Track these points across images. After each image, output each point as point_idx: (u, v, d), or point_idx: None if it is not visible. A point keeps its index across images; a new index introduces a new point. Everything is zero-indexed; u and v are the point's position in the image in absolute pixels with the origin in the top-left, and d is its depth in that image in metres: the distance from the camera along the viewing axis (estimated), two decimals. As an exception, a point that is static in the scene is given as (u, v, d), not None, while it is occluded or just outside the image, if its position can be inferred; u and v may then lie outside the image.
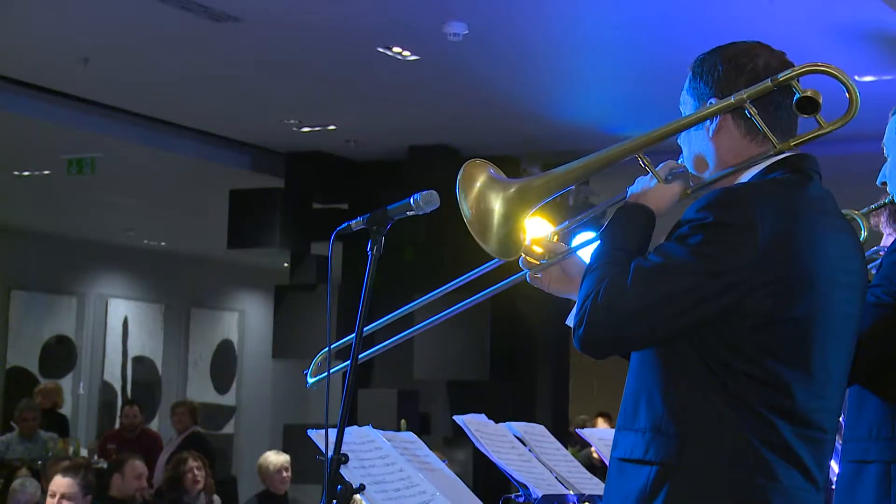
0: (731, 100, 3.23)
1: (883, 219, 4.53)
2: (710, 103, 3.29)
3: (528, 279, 3.51)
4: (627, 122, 9.33)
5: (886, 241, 4.52)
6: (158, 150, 11.05)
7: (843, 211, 3.60)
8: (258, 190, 11.94)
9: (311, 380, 4.11)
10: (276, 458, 10.80)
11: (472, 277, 3.77)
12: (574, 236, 3.50)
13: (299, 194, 11.76)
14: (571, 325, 3.17)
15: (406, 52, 8.57)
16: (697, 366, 3.15)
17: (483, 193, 3.33)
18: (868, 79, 8.61)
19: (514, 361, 11.33)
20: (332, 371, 3.88)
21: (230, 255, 14.11)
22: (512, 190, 3.32)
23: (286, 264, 12.64)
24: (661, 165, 3.37)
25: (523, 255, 3.43)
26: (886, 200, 4.26)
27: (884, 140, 3.97)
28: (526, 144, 10.79)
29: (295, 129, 10.87)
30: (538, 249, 3.44)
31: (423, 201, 3.58)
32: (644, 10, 7.79)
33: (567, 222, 3.48)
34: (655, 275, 3.12)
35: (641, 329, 3.16)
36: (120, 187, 13.21)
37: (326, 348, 3.89)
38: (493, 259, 3.47)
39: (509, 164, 11.03)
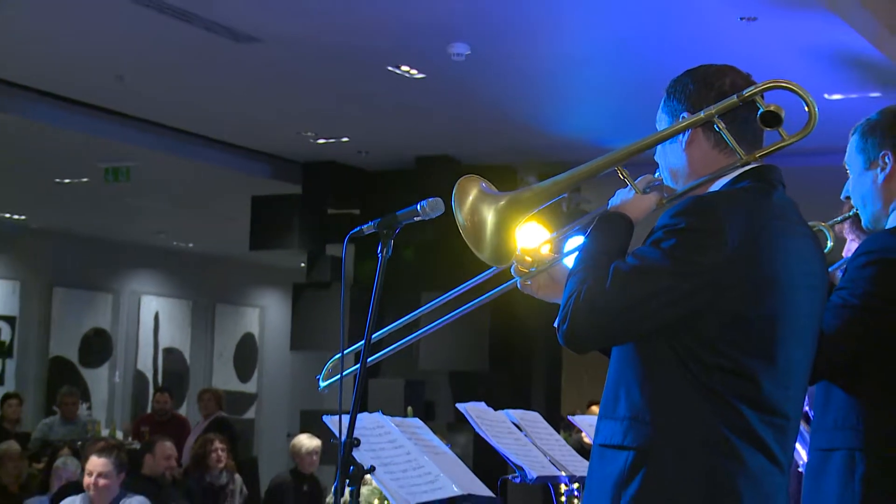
0: (701, 114, 3.25)
1: (846, 226, 4.53)
2: (683, 117, 3.32)
3: (518, 286, 3.52)
4: (613, 135, 9.32)
5: (850, 247, 4.52)
6: (187, 160, 11.02)
7: (811, 222, 3.60)
8: (277, 196, 11.94)
9: (322, 383, 4.13)
10: (308, 442, 10.81)
11: (473, 285, 3.80)
12: (566, 242, 3.52)
13: (315, 200, 11.74)
14: (557, 321, 3.20)
15: (413, 71, 8.57)
16: (671, 359, 3.16)
17: (476, 206, 3.34)
18: (836, 97, 8.61)
19: (511, 354, 11.33)
20: (343, 374, 3.90)
21: (252, 255, 14.10)
22: (502, 202, 3.32)
23: (303, 264, 12.61)
24: (639, 178, 3.39)
25: (514, 264, 3.43)
26: (850, 213, 4.27)
27: (845, 158, 3.98)
28: (522, 155, 10.79)
29: (311, 140, 10.85)
30: (528, 259, 3.43)
31: (430, 207, 3.60)
32: (628, 34, 7.80)
33: (556, 233, 3.51)
34: (632, 276, 3.13)
35: (620, 326, 3.17)
36: (152, 194, 13.20)
37: (339, 354, 3.91)
38: (492, 267, 3.48)
39: (506, 174, 11.05)
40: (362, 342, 3.57)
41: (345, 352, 3.87)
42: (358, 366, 3.61)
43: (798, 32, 7.54)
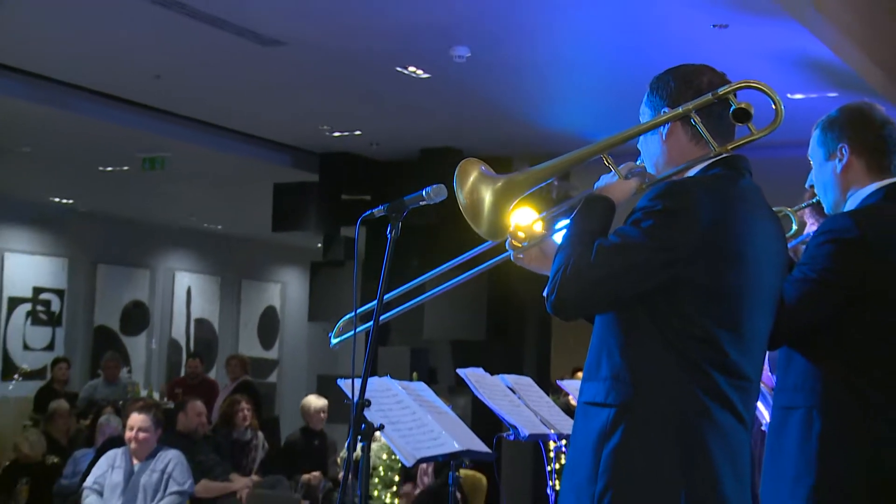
0: (680, 110, 3.27)
1: (807, 212, 4.55)
2: (663, 112, 3.32)
3: (511, 258, 3.51)
4: (598, 129, 9.30)
5: (809, 230, 4.53)
6: (216, 151, 11.00)
7: (777, 208, 3.61)
8: (297, 184, 11.92)
9: (334, 340, 4.13)
10: (316, 402, 10.86)
11: (470, 257, 3.79)
12: (557, 223, 3.52)
13: (331, 187, 11.69)
14: (546, 290, 3.21)
15: (419, 71, 8.56)
16: (648, 327, 3.18)
17: (475, 186, 3.34)
18: (798, 96, 8.60)
19: (505, 325, 11.32)
20: (356, 331, 3.91)
21: (274, 236, 14.07)
22: (499, 184, 3.32)
23: (319, 245, 12.60)
24: (622, 165, 3.40)
25: (510, 239, 3.43)
26: (813, 201, 4.28)
27: (809, 151, 3.98)
28: (517, 147, 10.75)
29: (327, 133, 10.84)
30: (521, 234, 3.43)
31: (434, 193, 3.60)
32: (611, 39, 7.80)
33: (545, 213, 3.50)
34: (614, 252, 3.14)
35: (602, 296, 3.20)
36: (185, 181, 13.19)
37: (351, 313, 3.91)
38: (487, 241, 3.47)
39: (503, 163, 11.00)
40: (374, 302, 3.57)
41: (357, 311, 3.87)
42: (370, 324, 3.60)
43: (765, 38, 7.53)
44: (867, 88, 8.21)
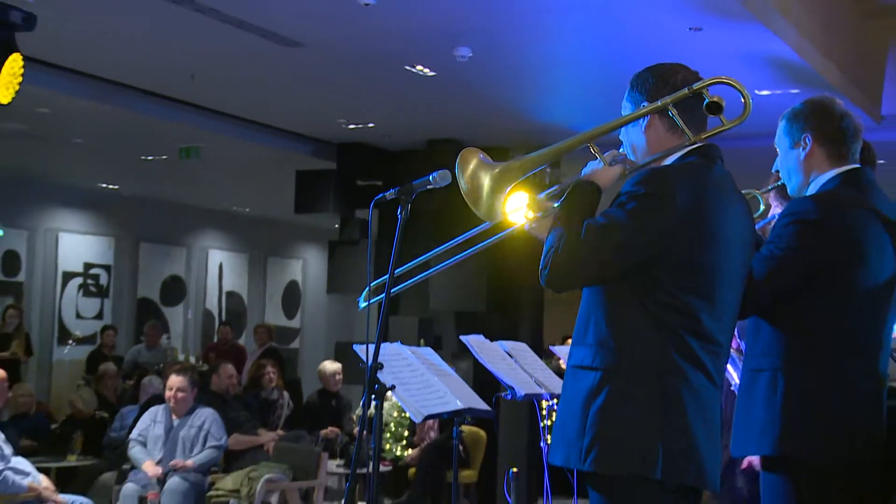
0: (658, 103, 3.27)
1: (772, 194, 4.55)
2: (643, 105, 3.32)
3: (526, 229, 3.48)
4: (586, 121, 9.14)
5: (774, 211, 4.54)
6: (244, 141, 10.99)
7: (747, 191, 3.62)
8: (317, 171, 11.86)
9: (362, 304, 4.12)
10: (331, 366, 10.89)
11: (469, 236, 3.79)
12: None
13: (347, 174, 11.67)
14: (541, 265, 3.22)
15: (426, 70, 8.53)
16: (631, 298, 3.18)
17: (475, 173, 3.33)
18: (765, 92, 8.57)
19: (503, 298, 11.29)
20: (372, 301, 3.90)
21: (296, 218, 14.07)
22: (496, 170, 3.32)
23: (336, 225, 12.59)
24: (606, 153, 3.38)
25: (525, 211, 3.41)
26: (778, 184, 4.28)
27: (775, 139, 3.98)
28: (514, 138, 10.70)
29: (344, 126, 10.80)
30: (535, 206, 3.42)
31: (440, 178, 3.59)
32: (598, 42, 7.77)
33: (542, 194, 3.49)
34: (601, 231, 3.14)
35: (590, 271, 3.20)
36: (217, 168, 13.19)
37: (377, 280, 3.92)
38: (484, 223, 3.47)
39: (501, 152, 10.94)
40: (386, 276, 3.57)
41: (371, 284, 3.87)
42: (382, 296, 3.61)
43: (735, 40, 7.50)
44: (826, 85, 8.20)
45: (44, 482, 6.74)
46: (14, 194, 14.46)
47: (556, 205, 3.39)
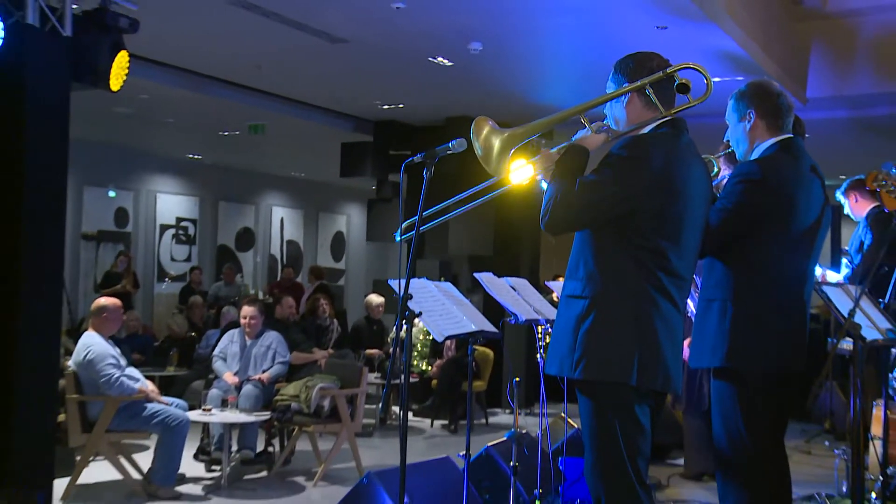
0: (637, 83, 3.25)
1: (722, 159, 4.55)
2: (624, 85, 3.29)
3: (539, 178, 3.38)
4: (575, 101, 9.15)
5: (724, 172, 4.54)
6: (300, 119, 10.99)
7: (705, 155, 3.61)
8: (358, 143, 11.82)
9: (398, 238, 4.09)
10: (376, 299, 10.90)
11: (481, 188, 3.74)
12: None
13: (382, 145, 11.63)
14: (541, 212, 3.18)
15: (445, 61, 8.48)
16: (614, 241, 3.17)
17: (487, 137, 3.30)
18: (716, 79, 8.47)
19: (508, 243, 11.28)
20: (411, 233, 3.87)
21: (341, 181, 14.04)
22: (505, 135, 3.29)
23: (373, 186, 12.57)
24: (593, 123, 3.37)
25: (532, 166, 3.34)
26: (728, 151, 4.27)
27: (726, 115, 3.99)
28: (515, 116, 10.55)
29: (379, 106, 10.78)
30: (533, 151, 3.35)
31: (457, 145, 3.54)
32: (582, 38, 7.70)
33: (553, 150, 3.45)
34: (591, 186, 3.13)
35: (581, 218, 3.18)
36: (279, 142, 13.18)
37: (412, 218, 3.87)
38: (492, 177, 3.43)
39: (504, 126, 10.90)
40: (416, 217, 3.53)
41: (403, 224, 3.83)
42: (413, 232, 3.56)
43: (694, 37, 7.45)
44: (764, 73, 8.13)
45: (150, 386, 6.77)
46: (122, 163, 14.51)
47: (552, 150, 3.36)
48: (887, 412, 5.63)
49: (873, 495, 5.34)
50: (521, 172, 3.38)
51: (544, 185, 3.31)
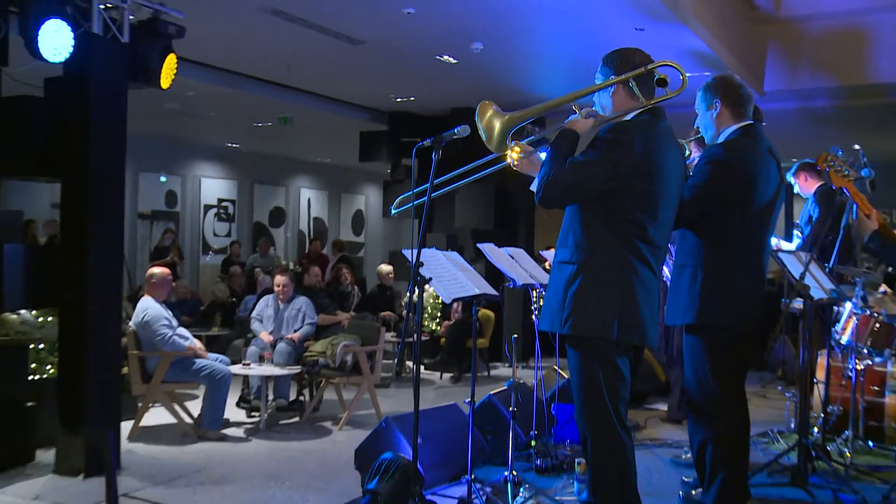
0: (623, 76, 3.24)
1: (693, 143, 4.53)
2: (611, 77, 3.27)
3: (512, 165, 3.44)
4: (564, 93, 9.17)
5: (694, 154, 4.52)
6: (324, 112, 10.92)
7: (680, 140, 3.60)
8: (374, 131, 11.76)
9: (393, 211, 4.10)
10: (386, 267, 10.88)
11: (483, 162, 3.75)
12: (538, 149, 3.45)
13: (395, 133, 11.55)
14: (534, 190, 3.18)
15: (450, 59, 8.42)
16: (600, 214, 3.16)
17: (490, 119, 3.30)
18: (688, 74, 8.43)
19: (506, 217, 11.24)
20: (409, 205, 3.88)
21: (360, 165, 13.95)
22: (505, 117, 3.29)
23: (389, 170, 12.53)
24: (583, 110, 3.35)
25: (510, 154, 3.37)
26: (697, 136, 4.27)
27: (695, 105, 3.97)
28: (512, 106, 10.50)
29: (393, 99, 10.70)
30: (518, 150, 3.37)
31: (462, 131, 3.55)
32: (569, 40, 7.63)
33: (533, 136, 3.45)
34: (580, 166, 3.12)
35: (571, 193, 3.16)
36: (306, 131, 13.10)
37: (410, 194, 3.88)
38: (492, 153, 3.43)
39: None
40: (425, 197, 3.53)
41: (414, 202, 3.84)
42: (424, 198, 3.57)
43: (667, 37, 7.38)
44: (727, 69, 8.06)
45: (198, 344, 6.80)
46: (171, 152, 14.48)
47: (533, 149, 3.36)
48: (829, 360, 5.72)
49: (815, 430, 5.40)
50: (511, 157, 3.39)
51: (542, 157, 3.31)
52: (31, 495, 4.94)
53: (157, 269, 6.94)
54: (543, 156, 3.26)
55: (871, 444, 5.59)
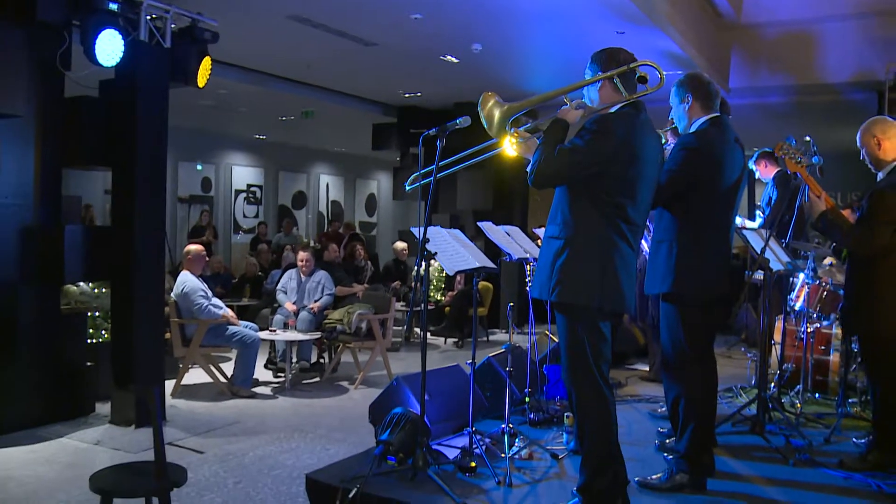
0: (608, 74, 3.22)
1: (669, 132, 4.50)
2: (598, 73, 3.25)
3: (510, 150, 3.42)
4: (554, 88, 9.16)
5: (670, 142, 4.49)
6: (341, 106, 10.86)
7: (658, 130, 3.60)
8: (385, 123, 11.71)
9: (408, 187, 4.09)
10: (401, 244, 10.90)
11: (484, 146, 3.74)
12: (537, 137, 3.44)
13: (404, 125, 11.50)
14: (528, 171, 3.18)
15: (453, 59, 8.38)
16: (586, 196, 3.14)
17: (491, 108, 3.27)
18: (665, 73, 8.41)
19: (503, 199, 11.19)
20: (419, 183, 3.86)
21: (373, 153, 13.94)
22: (505, 107, 3.26)
23: (398, 158, 12.49)
24: (573, 101, 3.33)
25: (509, 139, 3.35)
26: (673, 126, 4.24)
27: (670, 99, 3.94)
28: (509, 100, 10.55)
29: (402, 94, 10.67)
30: (517, 136, 3.35)
31: (463, 121, 3.54)
32: (560, 40, 7.58)
33: (529, 124, 3.44)
34: (568, 153, 3.11)
35: (560, 177, 3.16)
36: (324, 124, 13.06)
37: (416, 183, 3.87)
38: (492, 139, 3.42)
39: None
40: (431, 178, 3.53)
41: (421, 182, 3.80)
42: (431, 178, 3.55)
43: (645, 40, 7.34)
44: (697, 67, 8.01)
45: (230, 313, 6.82)
46: (207, 143, 14.43)
47: (530, 135, 3.35)
48: (785, 325, 5.80)
49: (772, 385, 5.46)
50: (511, 149, 3.37)
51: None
52: (93, 440, 5.10)
53: (193, 247, 6.97)
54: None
55: (817, 395, 5.73)
